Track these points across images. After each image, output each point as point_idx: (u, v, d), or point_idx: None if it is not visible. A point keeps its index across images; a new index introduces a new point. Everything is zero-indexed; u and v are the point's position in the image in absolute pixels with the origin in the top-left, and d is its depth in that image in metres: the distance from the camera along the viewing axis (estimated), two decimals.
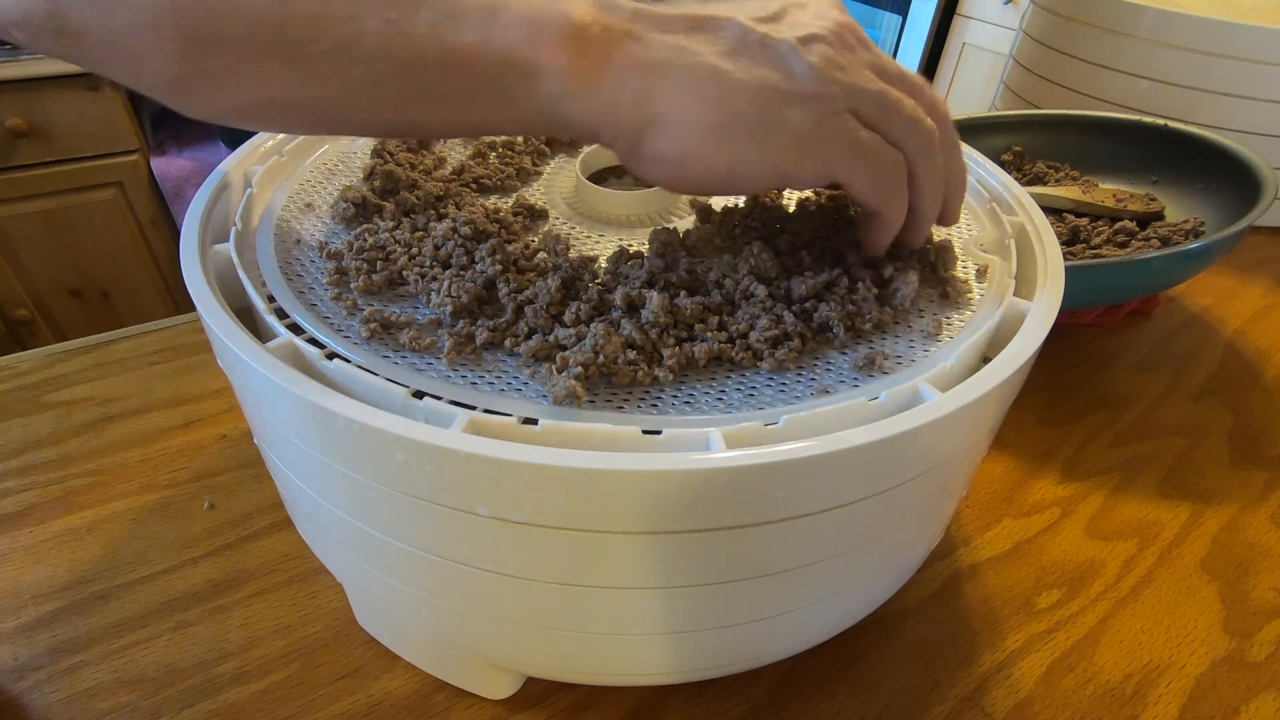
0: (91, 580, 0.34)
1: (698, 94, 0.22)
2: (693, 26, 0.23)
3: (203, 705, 0.30)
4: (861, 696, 0.31)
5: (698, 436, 0.21)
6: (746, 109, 0.22)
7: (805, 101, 0.23)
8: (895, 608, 0.35)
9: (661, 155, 0.23)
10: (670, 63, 0.22)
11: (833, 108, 0.23)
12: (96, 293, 1.34)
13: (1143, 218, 0.54)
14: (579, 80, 0.22)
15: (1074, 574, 0.37)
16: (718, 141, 0.23)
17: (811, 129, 0.23)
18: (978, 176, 0.36)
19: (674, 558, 0.21)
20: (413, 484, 0.20)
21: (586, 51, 0.22)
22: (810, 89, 0.23)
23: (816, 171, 0.24)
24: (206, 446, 0.41)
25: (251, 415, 0.26)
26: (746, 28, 0.23)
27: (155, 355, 0.47)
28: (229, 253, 0.27)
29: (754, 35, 0.23)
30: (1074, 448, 0.45)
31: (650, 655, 0.26)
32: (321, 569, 0.35)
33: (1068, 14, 0.71)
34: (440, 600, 0.25)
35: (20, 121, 1.17)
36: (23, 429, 0.42)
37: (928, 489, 0.25)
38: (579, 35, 0.22)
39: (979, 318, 0.27)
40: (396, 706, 0.30)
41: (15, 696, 0.30)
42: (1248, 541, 0.39)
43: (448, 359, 0.24)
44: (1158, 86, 0.66)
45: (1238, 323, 0.57)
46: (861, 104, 0.24)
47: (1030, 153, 0.62)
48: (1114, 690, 0.32)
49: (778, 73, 0.23)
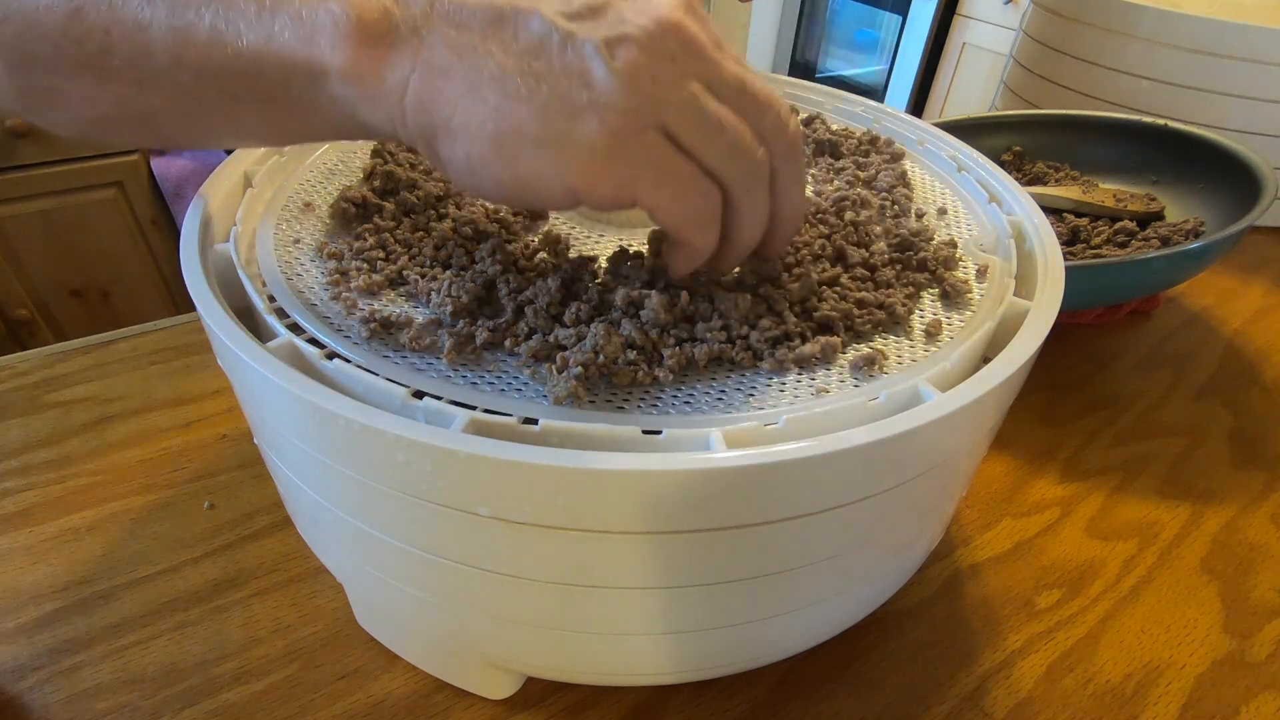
0: (91, 580, 0.34)
1: (481, 101, 0.20)
2: (492, 20, 0.20)
3: (203, 705, 0.30)
4: (861, 696, 0.31)
5: (698, 436, 0.21)
6: (529, 119, 0.20)
7: (600, 114, 0.20)
8: (895, 608, 0.35)
9: (453, 162, 0.21)
10: (455, 65, 0.20)
11: (634, 123, 0.20)
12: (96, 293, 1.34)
13: (1143, 218, 0.54)
14: (361, 82, 0.21)
15: (1074, 574, 0.37)
16: (503, 153, 0.21)
17: (606, 146, 0.20)
18: (978, 176, 0.36)
19: (674, 558, 0.21)
20: (413, 484, 0.20)
21: (367, 50, 0.20)
22: (608, 100, 0.20)
23: (611, 193, 0.21)
24: (206, 446, 0.41)
25: (251, 415, 0.26)
26: (550, 25, 0.20)
27: (155, 355, 0.47)
28: (229, 253, 0.27)
29: (555, 34, 0.20)
30: (1074, 448, 0.45)
31: (650, 655, 0.26)
32: (321, 569, 0.35)
33: (1068, 14, 0.71)
34: (440, 600, 0.25)
35: (20, 121, 1.17)
36: (23, 429, 0.42)
37: (928, 489, 0.25)
38: (358, 31, 0.20)
39: (979, 318, 0.27)
40: (396, 706, 0.30)
41: (15, 696, 0.30)
42: (1248, 541, 0.39)
43: (448, 359, 0.24)
44: (1158, 86, 0.66)
45: (1238, 323, 0.57)
46: (674, 121, 0.21)
47: (1030, 153, 0.62)
48: (1114, 690, 0.32)
49: (573, 80, 0.20)
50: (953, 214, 0.34)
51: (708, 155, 0.22)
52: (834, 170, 0.37)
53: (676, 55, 0.21)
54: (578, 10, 0.21)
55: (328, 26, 0.20)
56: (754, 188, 0.23)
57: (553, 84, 0.20)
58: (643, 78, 0.20)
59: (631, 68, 0.20)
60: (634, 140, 0.20)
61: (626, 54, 0.20)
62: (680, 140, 0.21)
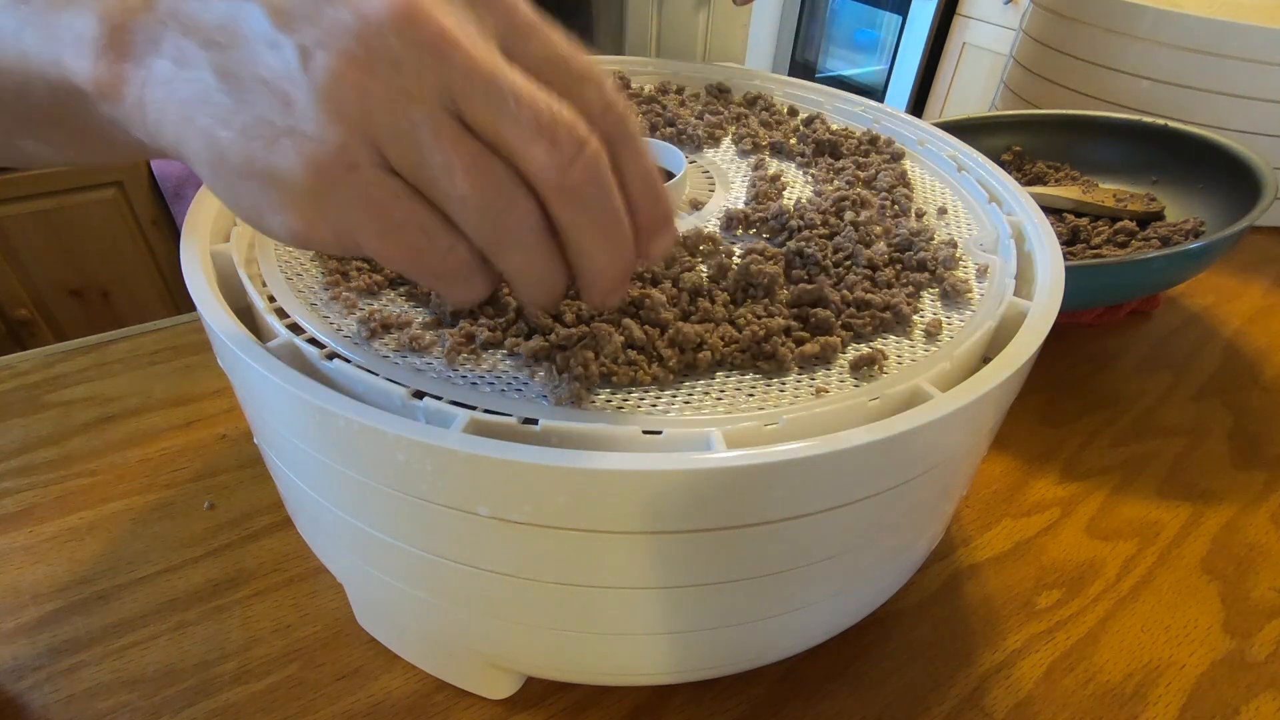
0: (91, 580, 0.34)
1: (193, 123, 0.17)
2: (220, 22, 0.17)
3: (203, 705, 0.30)
4: (861, 696, 0.31)
5: (698, 436, 0.21)
6: (231, 147, 0.17)
7: (298, 143, 0.16)
8: (895, 608, 0.35)
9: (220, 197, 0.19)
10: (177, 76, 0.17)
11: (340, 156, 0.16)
12: (96, 293, 1.34)
13: (1143, 218, 0.54)
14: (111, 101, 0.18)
15: (1074, 574, 0.37)
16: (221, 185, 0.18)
17: (308, 183, 0.17)
18: (978, 176, 0.36)
19: (674, 558, 0.21)
20: (413, 484, 0.20)
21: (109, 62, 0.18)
22: (304, 126, 0.16)
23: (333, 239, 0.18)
24: (206, 446, 0.41)
25: (251, 415, 0.26)
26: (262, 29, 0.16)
27: (155, 355, 0.47)
28: (229, 253, 0.27)
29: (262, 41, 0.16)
30: (1074, 448, 0.45)
31: (650, 655, 0.26)
32: (321, 569, 0.35)
33: (1068, 14, 0.71)
34: (440, 600, 0.25)
35: None
36: (23, 429, 0.42)
37: (928, 489, 0.25)
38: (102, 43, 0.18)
39: (979, 318, 0.27)
40: (396, 706, 0.30)
41: (15, 696, 0.30)
42: (1248, 541, 0.39)
43: (448, 359, 0.24)
44: (1158, 86, 0.66)
45: (1238, 323, 0.57)
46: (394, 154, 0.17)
47: (1030, 153, 0.62)
48: (1114, 690, 0.32)
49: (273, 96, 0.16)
50: (953, 214, 0.34)
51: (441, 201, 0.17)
52: (834, 170, 0.37)
53: (400, 62, 0.16)
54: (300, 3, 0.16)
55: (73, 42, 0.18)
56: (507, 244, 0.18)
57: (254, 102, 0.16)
58: (348, 96, 0.16)
59: (334, 83, 0.16)
60: (344, 176, 0.17)
61: (328, 63, 0.16)
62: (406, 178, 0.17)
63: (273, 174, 0.17)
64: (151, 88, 0.18)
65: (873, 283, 0.28)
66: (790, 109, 0.44)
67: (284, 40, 0.16)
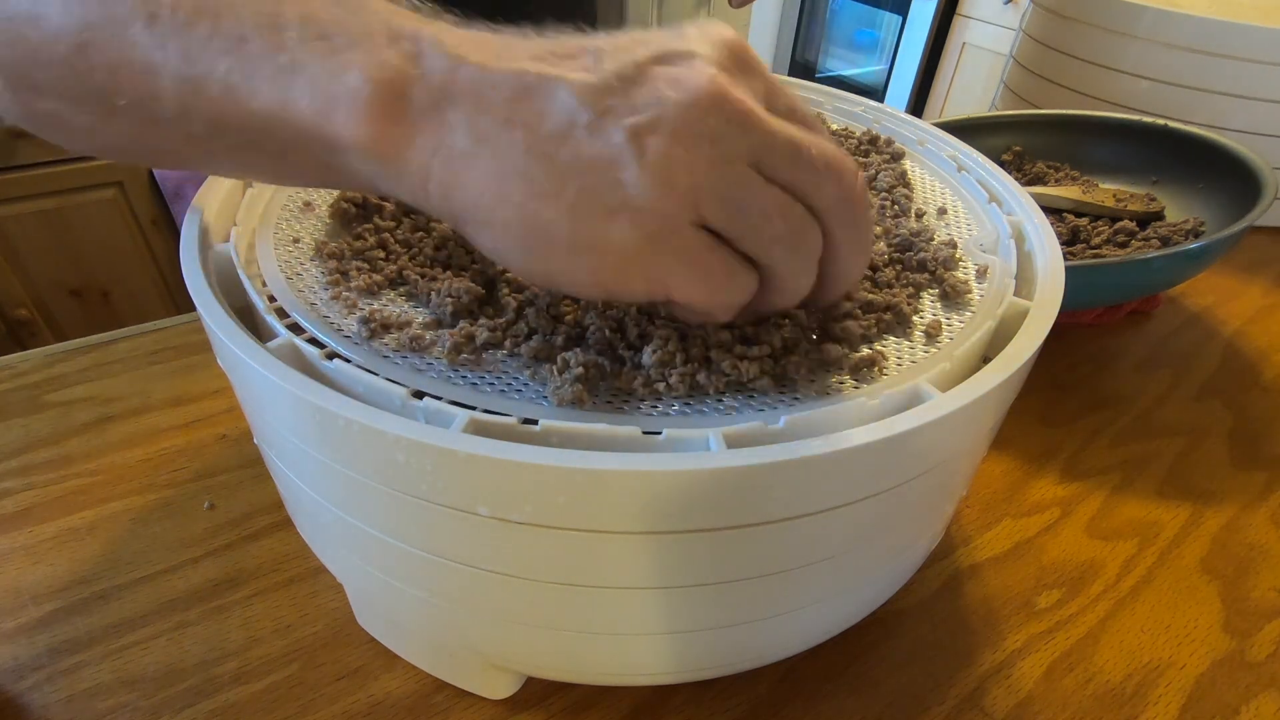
0: (91, 580, 0.34)
1: (506, 196, 0.19)
2: (517, 93, 0.19)
3: (203, 705, 0.30)
4: (861, 696, 0.31)
5: (698, 436, 0.21)
6: (558, 222, 0.19)
7: (633, 217, 0.18)
8: (895, 608, 0.35)
9: (482, 246, 0.20)
10: (478, 151, 0.19)
11: (669, 224, 0.19)
12: (96, 293, 1.34)
13: (1143, 218, 0.54)
14: (382, 160, 0.19)
15: (1074, 574, 0.37)
16: (529, 252, 0.20)
17: (637, 249, 0.19)
18: (978, 176, 0.36)
19: (674, 558, 0.21)
20: (413, 484, 0.20)
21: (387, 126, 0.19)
22: (640, 201, 0.18)
23: (644, 290, 0.20)
24: (206, 446, 0.41)
25: (251, 415, 0.26)
26: (579, 104, 0.18)
27: (155, 355, 0.47)
28: (229, 253, 0.27)
29: (583, 117, 0.18)
30: (1074, 448, 0.45)
31: (650, 655, 0.26)
32: (321, 569, 0.35)
33: (1068, 14, 0.71)
34: (440, 600, 0.25)
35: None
36: (23, 429, 0.42)
37: (928, 489, 0.25)
38: (377, 106, 0.19)
39: (979, 318, 0.27)
40: (396, 706, 0.30)
41: (15, 696, 0.30)
42: (1248, 541, 0.39)
43: (448, 359, 0.24)
44: (1158, 86, 0.66)
45: (1238, 323, 0.57)
46: (712, 214, 0.19)
47: (1030, 153, 0.62)
48: (1114, 690, 0.32)
49: (603, 176, 0.18)
50: (953, 214, 0.34)
51: (749, 245, 0.20)
52: None
53: (718, 136, 0.19)
54: (607, 81, 0.19)
55: (345, 99, 0.19)
56: (798, 268, 0.21)
57: (581, 181, 0.18)
58: (678, 172, 0.18)
59: (665, 162, 0.18)
60: (669, 240, 0.19)
61: (659, 146, 0.18)
62: (720, 231, 0.20)
63: (604, 245, 0.19)
64: (444, 158, 0.19)
65: (873, 283, 0.28)
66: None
67: (606, 124, 0.18)
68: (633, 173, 0.18)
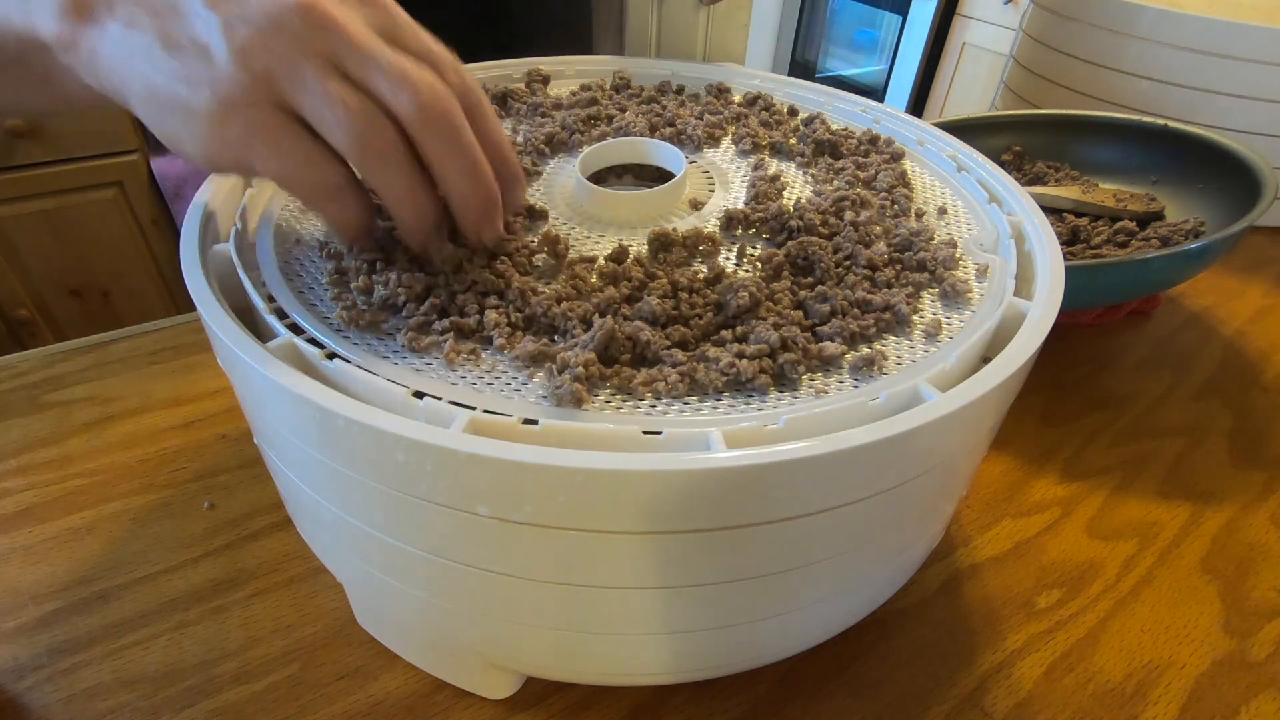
0: (91, 580, 0.34)
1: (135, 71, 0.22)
2: None
3: (203, 705, 0.30)
4: (861, 696, 0.31)
5: (698, 436, 0.21)
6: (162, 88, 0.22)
7: (212, 85, 0.22)
8: (895, 608, 0.35)
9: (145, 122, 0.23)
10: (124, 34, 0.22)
11: (243, 96, 0.22)
12: (96, 293, 1.33)
13: (1143, 218, 0.54)
14: (71, 51, 0.23)
15: (1074, 574, 0.37)
16: (159, 121, 0.23)
17: (217, 114, 0.22)
18: (978, 176, 0.36)
19: (674, 558, 0.21)
20: (413, 484, 0.20)
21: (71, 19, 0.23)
22: (219, 73, 0.22)
23: (232, 159, 0.23)
24: (206, 446, 0.41)
25: (251, 415, 0.26)
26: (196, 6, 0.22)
27: (155, 355, 0.47)
28: (229, 253, 0.27)
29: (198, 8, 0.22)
30: (1074, 448, 0.45)
31: (650, 655, 0.26)
32: (321, 569, 0.35)
33: (1068, 14, 0.71)
34: (440, 600, 0.25)
35: (20, 122, 1.16)
36: (23, 429, 0.42)
37: (928, 489, 0.25)
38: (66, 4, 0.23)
39: (979, 318, 0.27)
40: (396, 706, 0.30)
41: (15, 696, 0.30)
42: (1248, 541, 0.39)
43: (448, 359, 0.24)
44: (1158, 86, 0.66)
45: (1238, 323, 0.57)
46: (293, 97, 0.22)
47: (1030, 153, 0.62)
48: (1114, 690, 0.32)
49: (199, 54, 0.22)
50: (953, 214, 0.34)
51: (323, 129, 0.23)
52: (834, 170, 0.37)
53: (296, 32, 0.22)
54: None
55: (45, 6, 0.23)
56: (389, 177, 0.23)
57: (184, 58, 0.22)
58: (255, 53, 0.22)
59: (245, 43, 0.22)
60: (245, 112, 0.22)
61: (244, 31, 0.22)
62: (299, 114, 0.22)
63: (191, 106, 0.22)
64: (103, 43, 0.23)
65: (872, 283, 0.28)
66: (790, 109, 0.44)
67: (212, 15, 0.22)
68: (221, 51, 0.22)
